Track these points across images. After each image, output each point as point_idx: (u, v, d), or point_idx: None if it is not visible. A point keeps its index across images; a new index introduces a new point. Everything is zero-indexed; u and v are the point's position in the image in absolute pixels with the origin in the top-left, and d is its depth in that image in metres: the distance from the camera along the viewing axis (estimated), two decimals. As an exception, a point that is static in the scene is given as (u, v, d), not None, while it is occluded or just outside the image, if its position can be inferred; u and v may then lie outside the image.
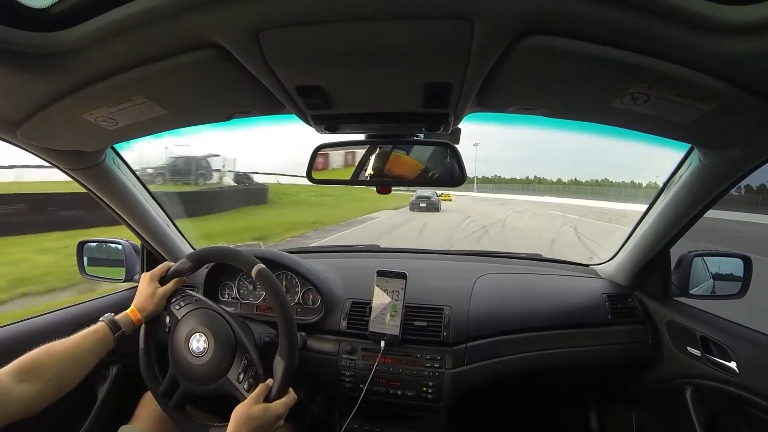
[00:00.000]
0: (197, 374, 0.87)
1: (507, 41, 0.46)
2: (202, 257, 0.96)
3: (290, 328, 0.85)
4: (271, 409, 0.78)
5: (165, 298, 0.92)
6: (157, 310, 0.91)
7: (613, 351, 1.15)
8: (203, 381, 0.86)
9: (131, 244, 1.32)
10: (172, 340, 0.91)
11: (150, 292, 0.91)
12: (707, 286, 1.12)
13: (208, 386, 0.86)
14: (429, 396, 1.06)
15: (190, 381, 0.88)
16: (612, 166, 59.46)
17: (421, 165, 0.82)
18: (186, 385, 0.89)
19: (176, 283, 0.94)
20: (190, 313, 0.92)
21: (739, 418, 0.96)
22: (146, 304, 0.90)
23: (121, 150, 1.06)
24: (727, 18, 0.39)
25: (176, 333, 0.90)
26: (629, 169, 36.63)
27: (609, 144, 54.48)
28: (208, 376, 0.86)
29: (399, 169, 0.82)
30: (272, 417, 0.78)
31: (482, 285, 1.25)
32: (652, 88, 0.54)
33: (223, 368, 0.85)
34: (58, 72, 0.53)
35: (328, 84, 0.60)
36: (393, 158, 0.83)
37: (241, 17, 0.44)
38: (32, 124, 0.69)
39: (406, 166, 0.82)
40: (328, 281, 1.24)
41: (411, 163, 0.82)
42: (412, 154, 0.83)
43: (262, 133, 26.72)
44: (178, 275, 0.95)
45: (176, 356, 0.90)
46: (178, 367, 0.90)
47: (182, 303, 0.93)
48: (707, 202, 0.91)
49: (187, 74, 0.57)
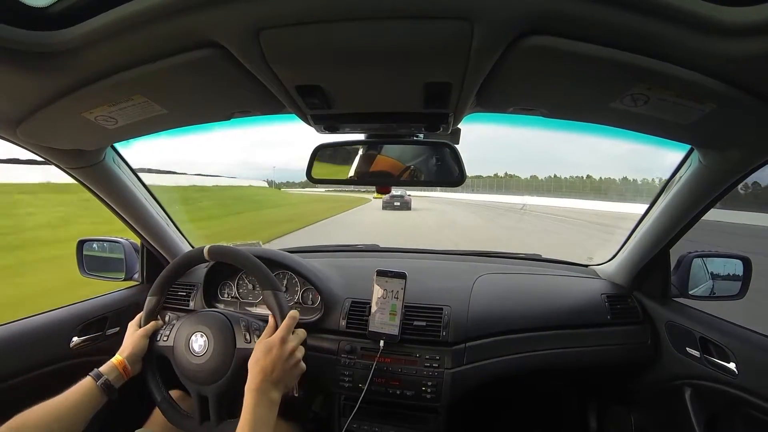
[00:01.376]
0: (206, 371, 0.86)
1: (507, 42, 0.46)
2: (163, 282, 0.96)
3: (256, 264, 0.89)
4: (281, 337, 0.79)
5: (145, 337, 0.92)
6: (136, 349, 0.90)
7: (612, 351, 1.15)
8: (214, 376, 0.86)
9: (131, 243, 1.33)
10: (174, 358, 0.90)
11: (128, 335, 0.93)
12: (707, 287, 1.12)
13: (224, 377, 0.85)
14: (428, 396, 1.06)
15: (202, 384, 0.87)
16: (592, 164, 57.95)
17: (421, 165, 0.82)
18: (203, 390, 0.88)
19: (154, 324, 0.94)
20: (182, 326, 0.92)
21: (738, 419, 0.96)
22: (125, 345, 0.90)
23: (121, 149, 1.06)
24: (727, 19, 0.39)
25: (177, 351, 0.90)
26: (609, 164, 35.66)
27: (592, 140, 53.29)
28: (218, 368, 0.86)
29: (398, 169, 0.83)
30: (285, 345, 0.79)
31: (482, 285, 1.25)
32: (651, 89, 0.54)
33: (230, 346, 0.87)
34: (58, 71, 0.53)
35: (328, 84, 0.60)
36: (392, 158, 0.83)
37: (241, 17, 0.44)
38: (32, 123, 0.69)
39: (404, 166, 0.83)
40: (328, 281, 1.24)
41: (400, 166, 0.83)
42: (411, 154, 0.83)
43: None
44: (151, 315, 0.95)
45: (185, 370, 0.89)
46: (187, 377, 0.89)
47: (168, 332, 0.93)
48: (707, 202, 0.92)
49: (187, 74, 0.57)
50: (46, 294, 4.35)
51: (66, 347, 1.09)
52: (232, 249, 0.93)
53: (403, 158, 0.83)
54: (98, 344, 1.17)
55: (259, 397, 0.73)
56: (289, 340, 0.80)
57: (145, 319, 0.95)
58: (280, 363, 0.77)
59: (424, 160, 0.82)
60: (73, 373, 0.83)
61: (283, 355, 0.78)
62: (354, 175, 0.84)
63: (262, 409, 0.73)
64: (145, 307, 0.96)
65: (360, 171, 0.83)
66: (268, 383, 0.75)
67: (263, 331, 0.84)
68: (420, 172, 0.82)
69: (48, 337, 1.07)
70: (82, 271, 1.29)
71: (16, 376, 0.98)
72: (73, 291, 1.50)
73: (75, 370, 0.84)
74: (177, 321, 0.95)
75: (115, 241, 1.32)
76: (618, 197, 30.12)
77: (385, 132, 0.82)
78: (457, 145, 0.80)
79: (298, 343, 0.82)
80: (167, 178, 19.57)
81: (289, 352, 0.79)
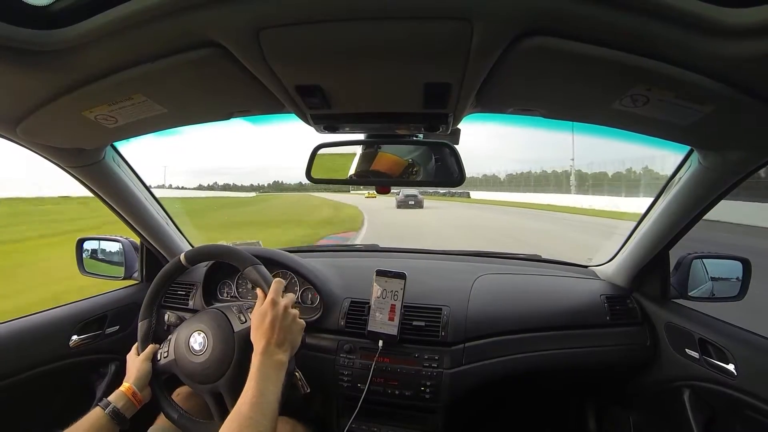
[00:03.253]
0: (212, 365, 0.86)
1: (506, 42, 0.46)
2: (149, 303, 0.97)
3: (231, 249, 0.92)
4: (272, 299, 0.79)
5: (146, 360, 0.91)
6: (141, 373, 0.89)
7: (611, 352, 1.15)
8: (221, 368, 0.85)
9: (130, 242, 1.33)
10: (179, 368, 0.90)
11: (131, 363, 0.93)
12: (706, 288, 1.12)
13: (230, 367, 0.85)
14: (427, 396, 1.06)
15: (212, 382, 0.87)
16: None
17: (420, 165, 0.82)
18: (209, 389, 0.87)
19: (152, 348, 0.94)
20: (178, 335, 0.92)
21: (737, 420, 0.96)
22: (130, 372, 0.90)
23: (121, 148, 1.06)
24: (728, 20, 0.39)
25: (179, 358, 0.90)
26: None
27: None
28: (223, 358, 0.85)
29: (398, 169, 0.83)
30: (278, 305, 0.79)
31: (481, 285, 1.25)
32: (651, 90, 0.54)
33: (228, 334, 0.87)
34: (58, 69, 0.53)
35: (327, 83, 0.60)
36: (392, 158, 0.83)
37: (241, 16, 0.44)
38: (32, 122, 0.69)
39: (404, 166, 0.82)
40: (327, 280, 1.24)
41: (402, 162, 0.83)
42: (411, 155, 0.83)
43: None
44: (146, 339, 0.95)
45: (192, 374, 0.88)
46: (196, 380, 0.88)
47: (166, 347, 0.93)
48: (707, 204, 0.91)
49: (187, 73, 0.57)
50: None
51: (65, 346, 1.09)
52: (205, 247, 0.95)
53: (403, 158, 0.83)
54: (98, 343, 1.17)
55: (265, 358, 0.74)
56: (281, 301, 0.80)
57: (141, 344, 0.95)
58: (278, 323, 0.77)
59: (424, 160, 0.82)
60: (72, 371, 0.82)
61: (278, 315, 0.78)
62: (353, 175, 0.84)
63: (268, 369, 0.73)
64: (138, 333, 0.95)
65: (359, 171, 0.83)
66: (273, 345, 0.75)
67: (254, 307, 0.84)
68: (420, 172, 0.82)
69: (47, 336, 1.07)
70: (81, 269, 1.29)
71: (16, 375, 0.98)
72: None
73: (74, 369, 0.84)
74: (171, 335, 0.94)
75: (115, 240, 1.32)
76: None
77: (384, 132, 0.82)
78: (456, 145, 0.80)
79: (289, 301, 0.82)
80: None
81: (283, 309, 0.79)
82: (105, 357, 0.90)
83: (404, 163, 0.83)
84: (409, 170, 0.83)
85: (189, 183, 76.83)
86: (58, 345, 1.09)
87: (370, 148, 0.83)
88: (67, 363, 1.09)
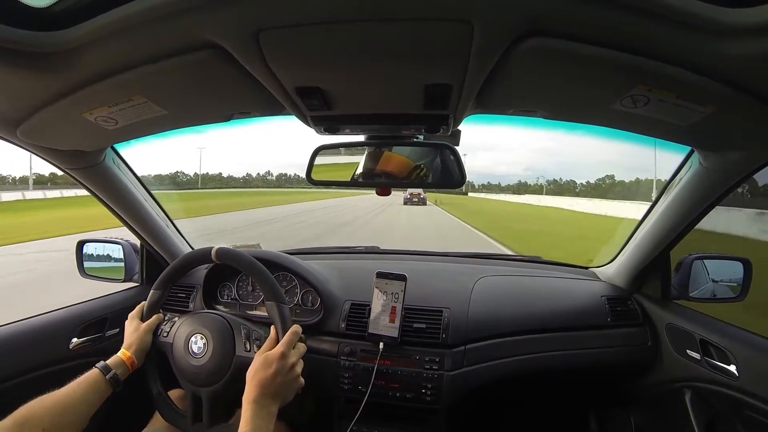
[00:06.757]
0: (203, 373, 0.86)
1: (507, 43, 0.46)
2: (168, 278, 0.97)
3: (263, 273, 0.89)
4: (282, 352, 0.78)
5: (149, 332, 0.92)
6: (143, 344, 0.90)
7: (612, 354, 1.15)
8: (210, 379, 0.86)
9: (130, 244, 1.32)
10: (173, 356, 0.90)
11: (132, 329, 0.93)
12: (707, 289, 1.12)
13: (221, 381, 0.85)
14: (428, 398, 1.05)
15: (197, 385, 0.87)
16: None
17: (421, 167, 0.82)
18: (198, 391, 0.88)
19: (157, 318, 0.95)
20: (182, 324, 0.92)
21: (738, 421, 0.96)
22: (131, 340, 0.90)
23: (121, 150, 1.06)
24: (728, 20, 0.39)
25: (175, 349, 0.90)
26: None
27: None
28: (215, 372, 0.85)
29: (398, 170, 0.82)
30: (286, 360, 0.78)
31: (481, 287, 1.25)
32: (652, 91, 0.54)
33: (229, 351, 0.87)
34: (57, 71, 0.53)
35: (327, 85, 0.60)
36: (392, 160, 0.82)
37: (241, 18, 0.44)
38: (32, 124, 0.69)
39: (405, 167, 0.82)
40: (328, 283, 1.23)
41: (410, 164, 0.82)
42: (411, 156, 0.83)
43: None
44: (153, 309, 0.95)
45: (182, 369, 0.89)
46: (184, 376, 0.89)
47: (168, 328, 0.93)
48: (707, 204, 0.91)
49: (187, 74, 0.57)
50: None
51: (65, 348, 1.09)
52: (240, 253, 0.93)
53: (403, 160, 0.83)
54: (98, 345, 1.16)
55: (257, 409, 0.73)
56: (290, 355, 0.80)
57: (148, 313, 0.95)
58: (280, 377, 0.76)
59: (424, 161, 0.82)
60: (72, 374, 0.82)
61: (282, 370, 0.77)
62: (353, 177, 0.84)
63: (260, 420, 0.73)
64: (147, 300, 0.96)
65: (359, 173, 0.83)
66: (267, 397, 0.75)
67: (264, 342, 0.84)
68: (420, 173, 0.82)
69: (48, 339, 1.07)
70: (81, 272, 1.29)
71: (16, 377, 0.98)
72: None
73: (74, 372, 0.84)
74: (177, 318, 0.95)
75: (115, 242, 1.32)
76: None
77: (385, 133, 0.82)
78: (457, 146, 0.80)
79: (298, 358, 0.81)
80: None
81: (289, 367, 0.78)
82: (105, 359, 0.90)
83: (411, 164, 0.83)
84: (415, 172, 0.82)
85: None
86: (59, 348, 1.08)
87: (371, 150, 0.83)
88: (67, 366, 1.08)
